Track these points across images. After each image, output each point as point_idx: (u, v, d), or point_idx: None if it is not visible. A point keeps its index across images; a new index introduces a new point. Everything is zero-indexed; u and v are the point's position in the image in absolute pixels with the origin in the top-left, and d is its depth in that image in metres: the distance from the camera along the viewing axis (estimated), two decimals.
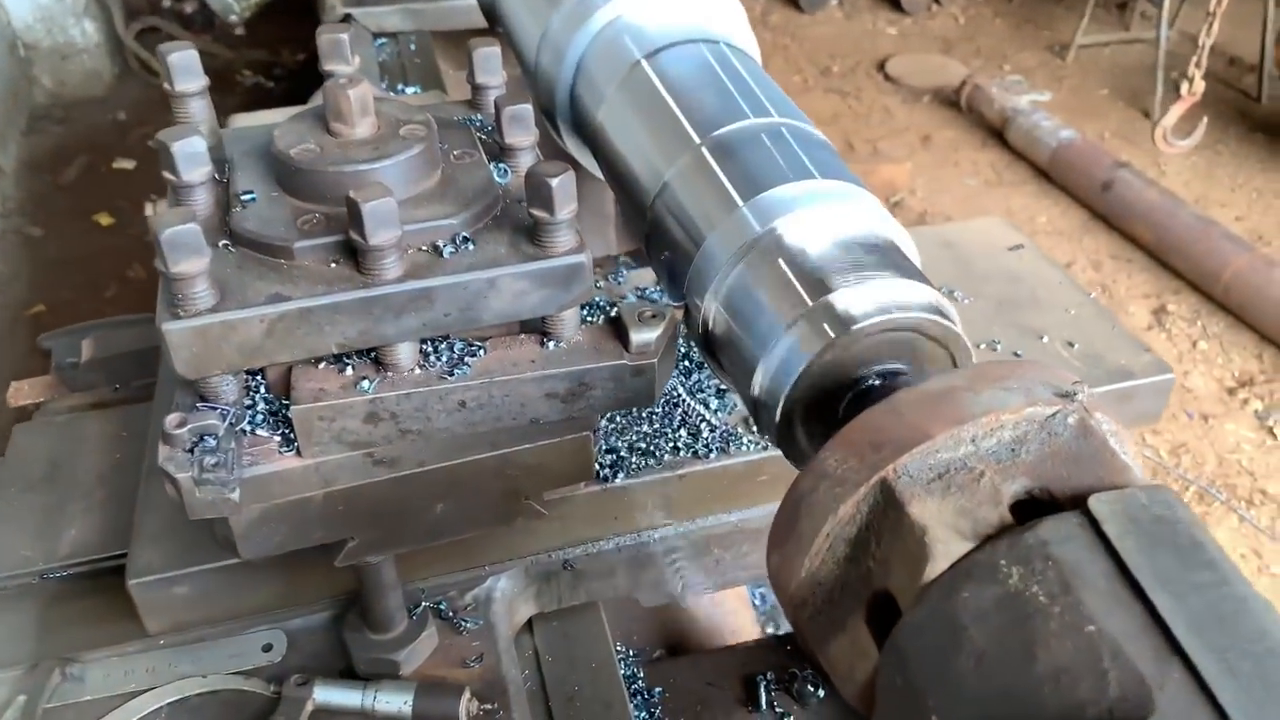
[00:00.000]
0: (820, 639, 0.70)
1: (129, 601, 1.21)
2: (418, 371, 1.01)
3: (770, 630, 2.03)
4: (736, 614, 1.90)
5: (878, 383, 0.91)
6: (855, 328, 0.89)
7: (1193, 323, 4.09)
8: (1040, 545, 0.57)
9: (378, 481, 1.04)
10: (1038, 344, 1.67)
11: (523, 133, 1.09)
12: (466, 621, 1.26)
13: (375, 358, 1.00)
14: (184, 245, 0.86)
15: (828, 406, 0.92)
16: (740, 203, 1.01)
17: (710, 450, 1.47)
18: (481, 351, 1.03)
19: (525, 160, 1.10)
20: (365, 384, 0.99)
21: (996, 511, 0.63)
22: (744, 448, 1.48)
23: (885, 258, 0.96)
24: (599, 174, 1.30)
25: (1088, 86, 6.03)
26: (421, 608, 1.25)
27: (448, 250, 0.98)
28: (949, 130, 5.46)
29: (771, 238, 0.98)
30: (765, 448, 1.50)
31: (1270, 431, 3.46)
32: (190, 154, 0.98)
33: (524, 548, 1.36)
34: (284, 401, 0.97)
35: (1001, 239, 1.88)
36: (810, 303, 0.91)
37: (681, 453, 1.47)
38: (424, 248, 0.99)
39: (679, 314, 1.09)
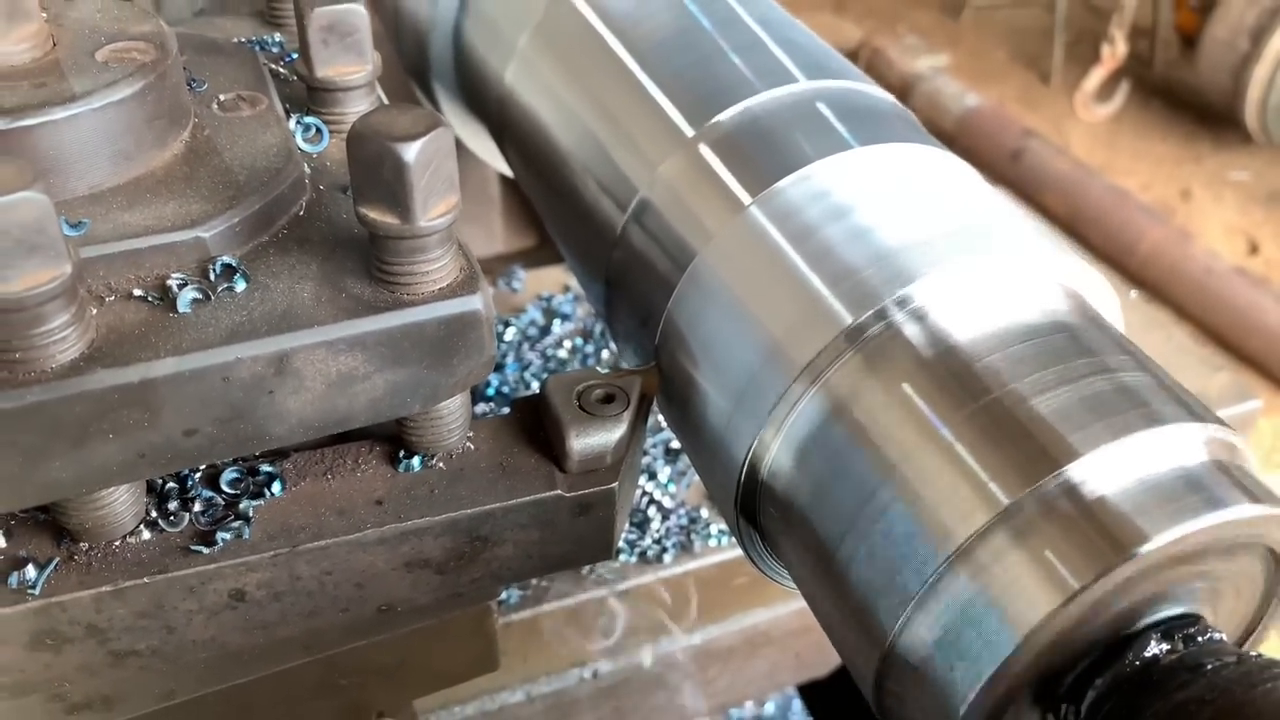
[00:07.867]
0: None
1: None
2: (145, 537, 0.50)
3: None
4: None
5: (1163, 651, 0.44)
6: (1145, 548, 0.42)
7: None
8: None
9: None
10: None
11: (349, 58, 0.58)
12: None
13: (51, 520, 0.49)
14: None
15: (1050, 690, 0.45)
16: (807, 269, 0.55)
17: (665, 549, 0.99)
18: (277, 486, 0.53)
19: (356, 108, 0.59)
20: (30, 572, 0.48)
21: None
22: (712, 540, 1.01)
23: (1130, 364, 0.50)
24: (501, 166, 0.82)
25: (985, 49, 5.77)
26: None
27: (190, 295, 0.47)
28: None
29: (898, 329, 0.52)
30: None
31: None
32: None
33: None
34: None
35: None
36: (1018, 489, 0.45)
37: (622, 555, 0.98)
38: (141, 292, 0.48)
39: (654, 382, 0.61)
